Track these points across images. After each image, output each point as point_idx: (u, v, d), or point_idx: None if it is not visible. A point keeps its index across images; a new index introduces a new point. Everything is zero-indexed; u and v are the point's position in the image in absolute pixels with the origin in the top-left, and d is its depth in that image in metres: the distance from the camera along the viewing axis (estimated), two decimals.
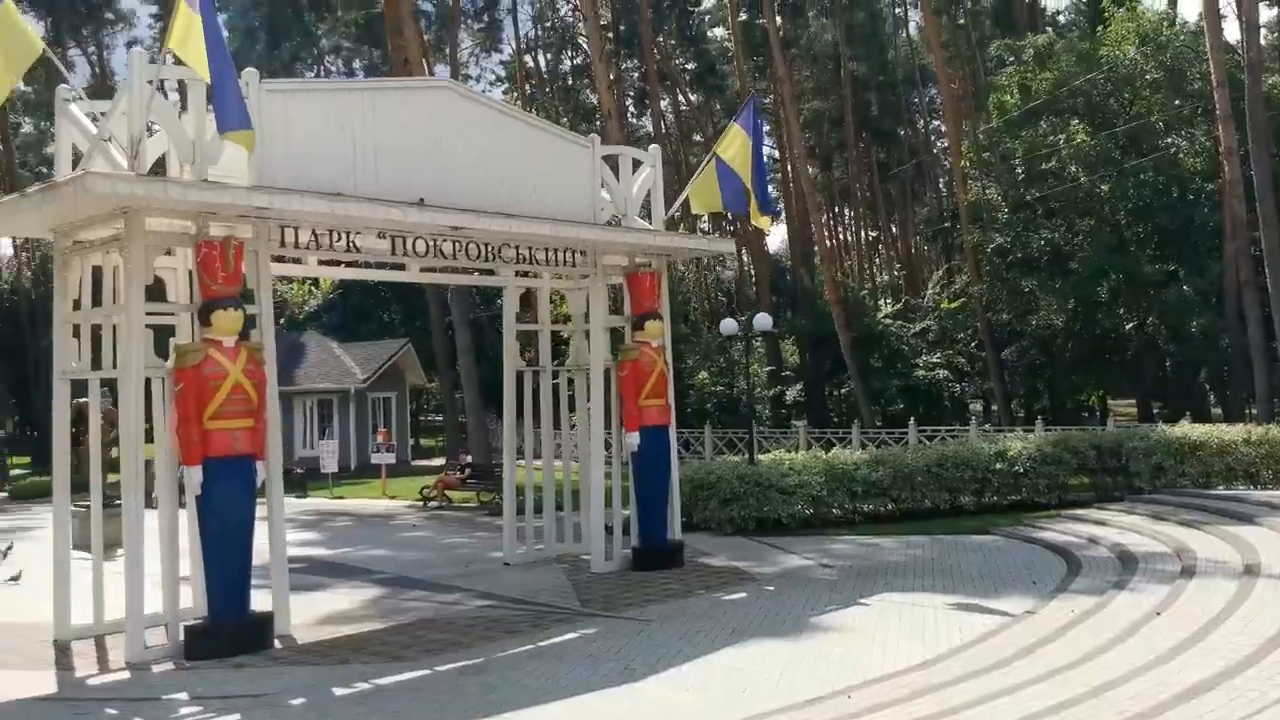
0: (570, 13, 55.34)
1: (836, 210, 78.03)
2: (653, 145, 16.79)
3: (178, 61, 11.00)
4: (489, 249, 14.28)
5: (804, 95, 64.56)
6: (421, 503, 27.27)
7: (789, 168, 52.94)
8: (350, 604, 13.91)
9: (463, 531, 21.34)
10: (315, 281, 49.32)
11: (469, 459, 30.64)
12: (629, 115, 60.41)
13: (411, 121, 13.22)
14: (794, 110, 40.13)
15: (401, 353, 42.16)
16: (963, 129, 41.54)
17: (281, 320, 48.65)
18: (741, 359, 45.20)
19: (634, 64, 58.27)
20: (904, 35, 64.28)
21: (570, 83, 60.27)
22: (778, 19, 48.36)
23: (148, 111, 10.93)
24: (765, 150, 72.69)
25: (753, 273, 55.66)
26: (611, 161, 16.10)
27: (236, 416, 11.25)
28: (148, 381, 11.70)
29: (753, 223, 16.75)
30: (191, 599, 11.82)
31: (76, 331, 12.47)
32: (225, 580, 11.26)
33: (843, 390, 44.80)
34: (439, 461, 38.91)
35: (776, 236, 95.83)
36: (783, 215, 54.06)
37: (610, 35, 57.50)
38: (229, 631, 11.23)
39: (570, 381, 17.15)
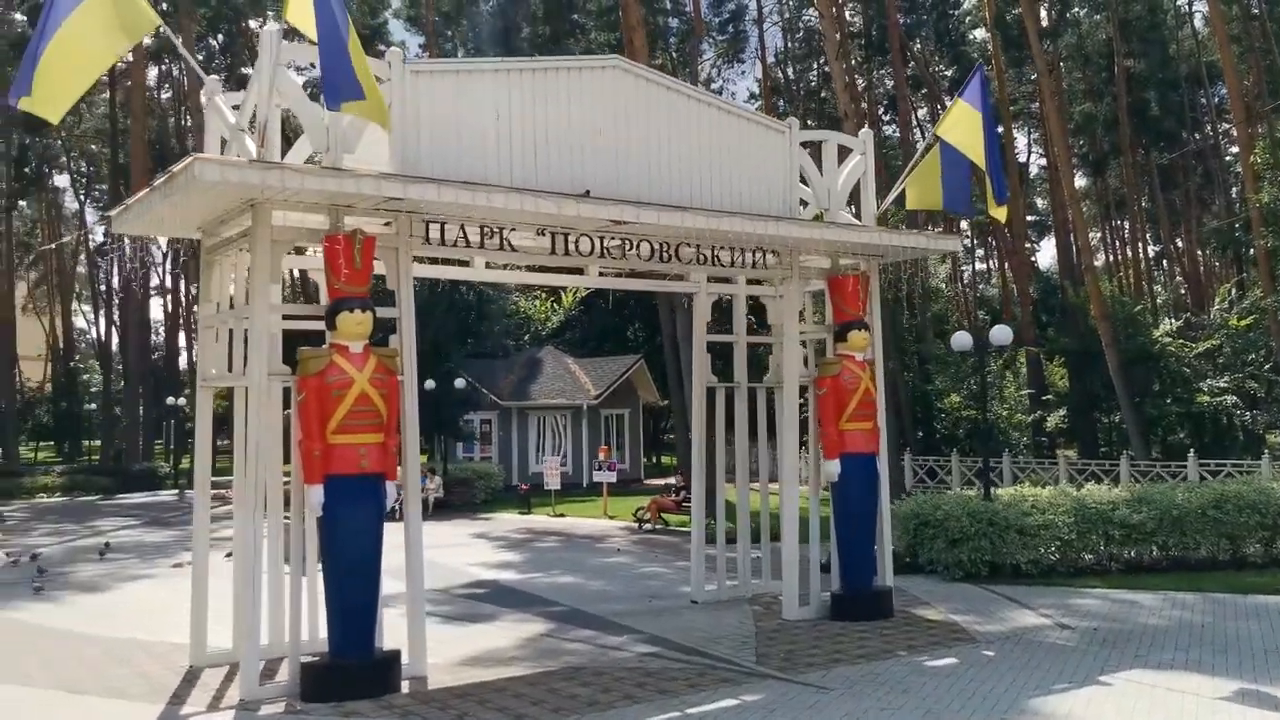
0: (816, 19, 53.22)
1: (1113, 222, 72.10)
2: (863, 130, 14.71)
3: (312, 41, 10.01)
4: (664, 248, 12.67)
5: (1074, 97, 59.86)
6: (636, 525, 25.99)
7: (1054, 174, 48.79)
8: (507, 641, 12.55)
9: (665, 559, 19.78)
10: (557, 297, 49.36)
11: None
12: (882, 123, 57.69)
13: (577, 104, 11.81)
14: (1056, 108, 36.48)
15: (634, 369, 41.32)
16: (1256, 127, 36.74)
17: (525, 337, 48.99)
18: (998, 376, 41.81)
19: (889, 70, 55.48)
20: (1188, 29, 58.38)
21: (819, 91, 58.05)
22: (1041, 11, 44.65)
23: (273, 93, 9.96)
24: (1027, 156, 68.36)
25: (1016, 289, 51.63)
26: (815, 151, 14.19)
27: (363, 430, 10.09)
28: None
29: (990, 215, 14.34)
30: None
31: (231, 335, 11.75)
32: (347, 613, 10.08)
33: (1114, 417, 40.53)
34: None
35: (1046, 252, 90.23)
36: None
37: (861, 41, 55.23)
38: (349, 671, 10.03)
39: (770, 400, 15.25)
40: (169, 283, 64.44)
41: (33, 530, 28.26)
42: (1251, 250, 35.68)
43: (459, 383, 34.18)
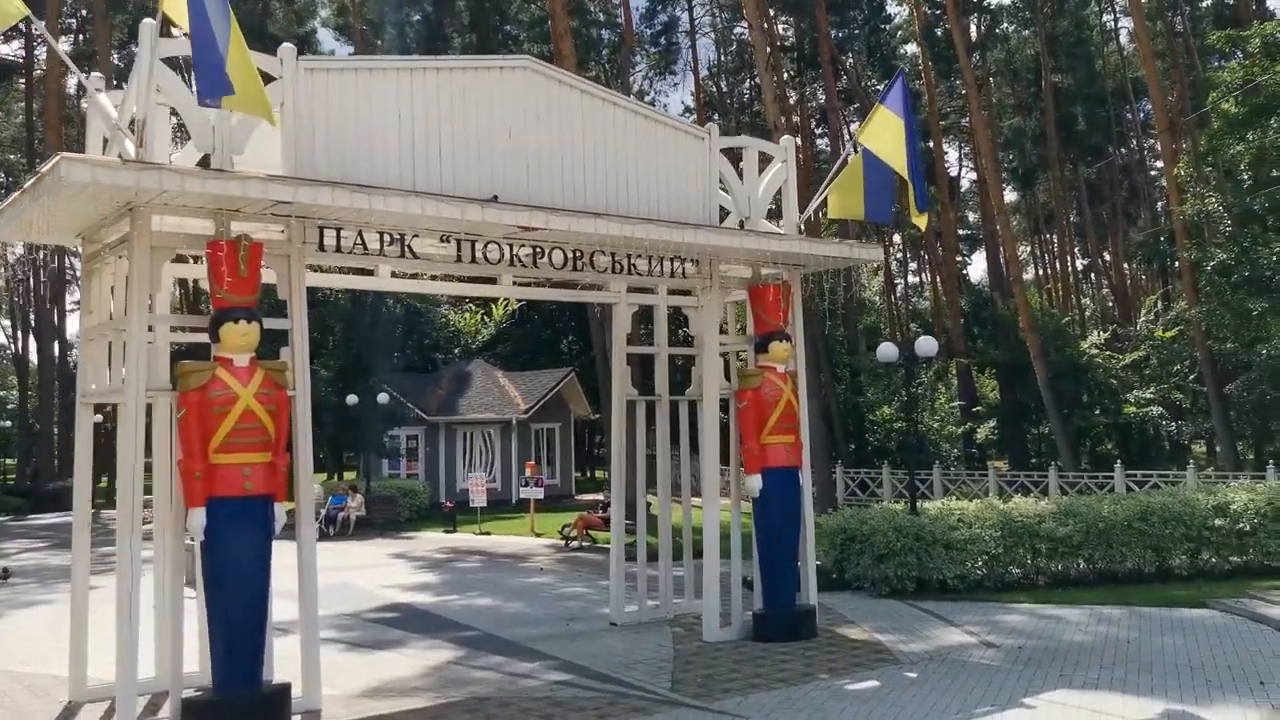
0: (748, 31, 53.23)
1: (1042, 236, 72.91)
2: (785, 137, 14.35)
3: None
4: (578, 256, 12.18)
5: (1003, 111, 60.47)
6: (563, 542, 25.38)
7: (983, 188, 49.13)
8: (412, 670, 11.91)
9: (590, 579, 19.21)
10: (488, 310, 48.63)
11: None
12: (815, 136, 57.79)
13: (486, 106, 11.27)
14: (984, 121, 36.66)
15: (565, 382, 40.74)
16: (1179, 142, 37.18)
17: (456, 351, 48.19)
18: (929, 388, 41.89)
19: (821, 84, 55.52)
20: (1114, 45, 59.27)
21: (752, 104, 58.02)
22: (971, 26, 44.93)
23: (151, 88, 9.30)
24: (958, 170, 68.85)
25: (947, 302, 51.84)
26: (734, 157, 13.80)
27: (248, 449, 9.43)
28: None
29: (913, 221, 14.01)
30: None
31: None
32: (231, 645, 9.40)
33: (1044, 428, 40.75)
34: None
35: (978, 266, 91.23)
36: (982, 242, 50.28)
37: (794, 55, 55.25)
38: (234, 707, 9.34)
39: (694, 413, 14.79)
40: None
41: None
42: (1176, 262, 36.04)
43: (382, 397, 33.35)
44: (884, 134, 13.19)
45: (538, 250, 11.87)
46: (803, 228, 14.23)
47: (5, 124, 57.54)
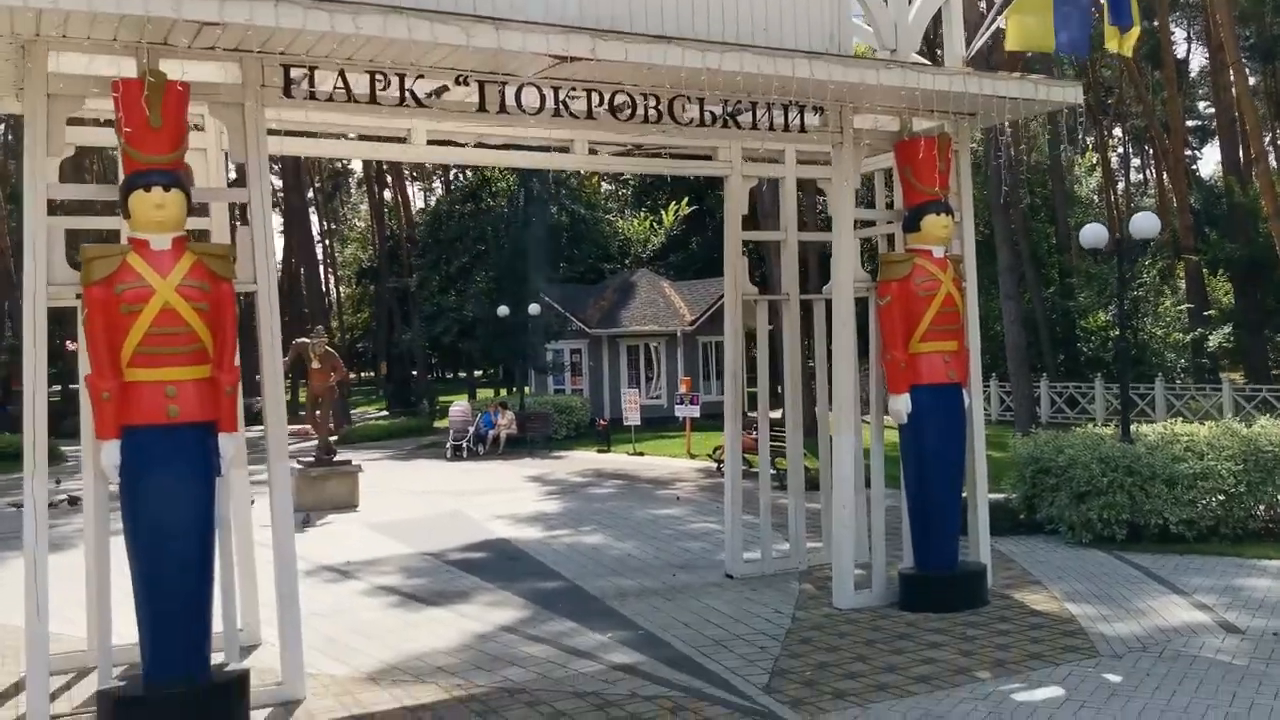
0: None
1: None
2: None
3: None
4: (652, 105, 9.13)
5: None
6: (715, 466, 22.64)
7: (1215, 66, 42.56)
8: (450, 640, 9.38)
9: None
10: (658, 218, 45.80)
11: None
12: None
13: None
14: None
15: None
16: None
17: (627, 262, 45.69)
18: (1152, 291, 36.72)
19: None
20: None
21: None
22: None
23: None
24: (1186, 51, 60.73)
25: (1174, 195, 45.72)
26: None
27: (172, 362, 7.01)
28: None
29: (1107, 46, 10.27)
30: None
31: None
32: (159, 622, 7.04)
33: None
34: None
35: (1208, 162, 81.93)
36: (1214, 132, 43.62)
37: None
38: (164, 701, 7.03)
39: (828, 314, 11.61)
40: None
41: None
42: None
43: (534, 308, 31.13)
44: None
45: (594, 95, 8.89)
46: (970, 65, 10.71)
47: None
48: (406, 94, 8.21)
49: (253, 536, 9.16)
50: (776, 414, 13.03)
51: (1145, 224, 13.48)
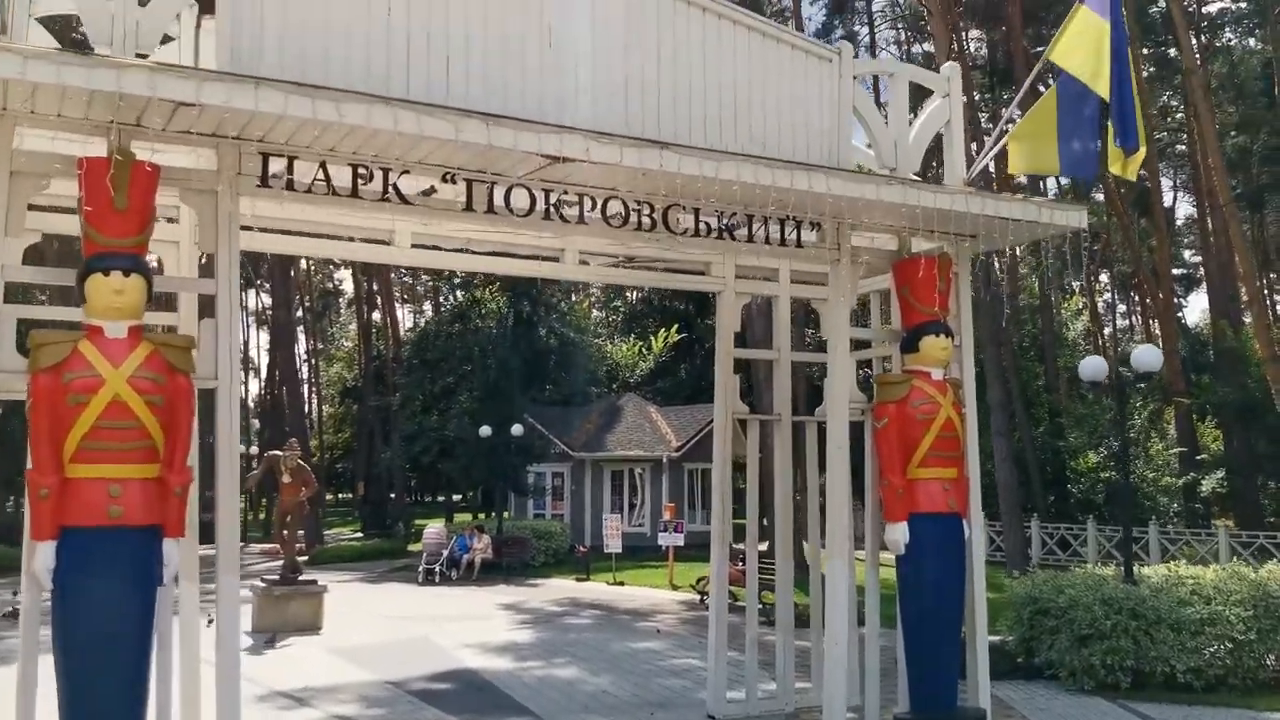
0: None
1: (1271, 274, 64.92)
2: (948, 64, 10.66)
3: None
4: (644, 213, 8.82)
5: (1223, 134, 53.77)
6: (698, 598, 21.86)
7: (1201, 210, 43.21)
8: None
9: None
10: (647, 344, 45.68)
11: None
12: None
13: None
14: (1210, 117, 31.36)
15: None
16: None
17: (614, 386, 45.40)
18: (1142, 434, 36.40)
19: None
20: None
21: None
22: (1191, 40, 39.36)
23: None
24: (1173, 199, 61.94)
25: (1159, 335, 45.85)
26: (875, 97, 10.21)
27: (117, 459, 6.46)
28: None
29: (1110, 169, 10.03)
30: None
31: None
32: None
33: None
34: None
35: (1195, 308, 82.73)
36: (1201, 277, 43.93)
37: (986, 70, 50.23)
38: None
39: (822, 438, 11.13)
40: None
41: None
42: None
43: (517, 429, 30.60)
44: (1082, 46, 9.44)
45: (586, 200, 8.57)
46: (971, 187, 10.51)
47: None
48: (390, 189, 7.87)
49: (199, 655, 8.47)
50: (763, 546, 12.50)
51: (1147, 357, 13.17)
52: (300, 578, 18.57)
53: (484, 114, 7.38)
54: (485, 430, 30.77)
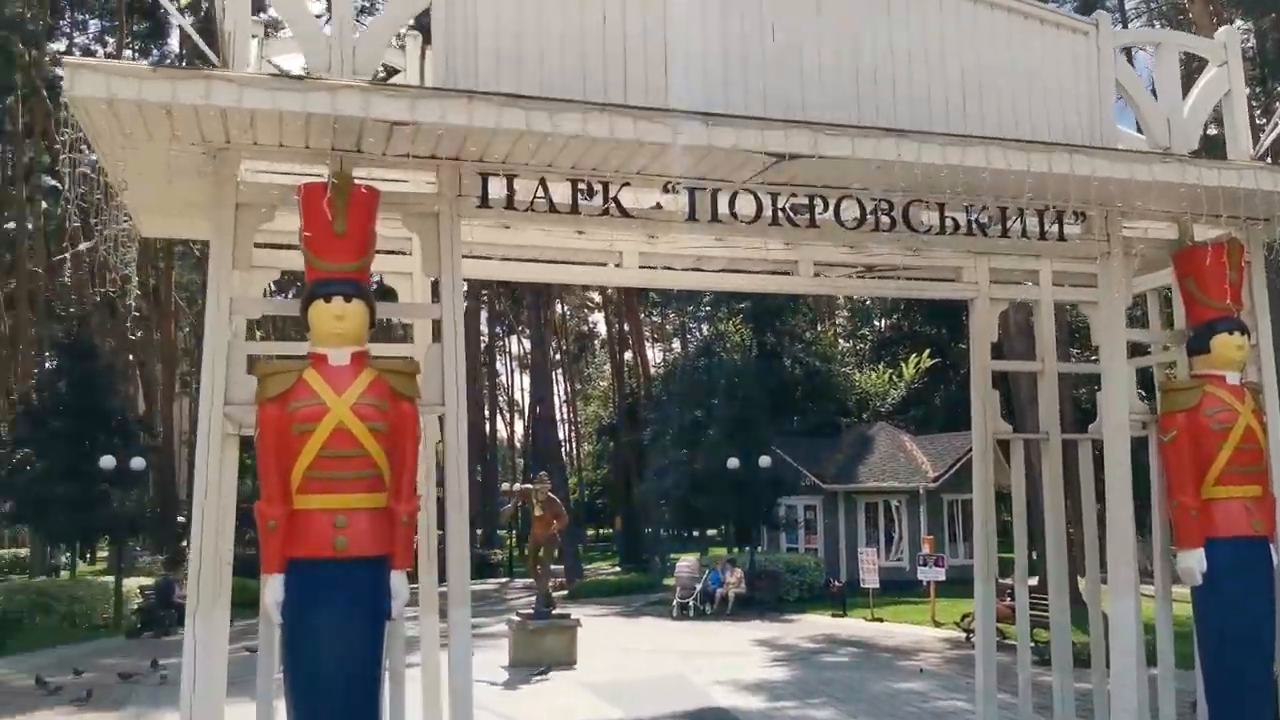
0: None
1: None
2: (1223, 29, 9.43)
3: None
4: (882, 211, 8.12)
5: None
6: (964, 635, 20.52)
7: None
8: None
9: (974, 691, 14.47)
10: (898, 371, 44.14)
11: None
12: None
13: None
14: None
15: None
16: None
17: (864, 415, 44.10)
18: None
19: None
20: None
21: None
22: None
23: None
24: None
25: None
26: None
27: (341, 488, 6.36)
28: None
29: None
30: None
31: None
32: None
33: None
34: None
35: None
36: None
37: (1255, 59, 46.18)
38: None
39: (1098, 457, 9.96)
40: None
41: None
42: None
43: (765, 461, 29.94)
44: None
45: (818, 201, 7.97)
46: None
47: None
48: (611, 202, 7.54)
49: (442, 688, 8.32)
50: (1033, 580, 11.37)
51: None
52: (554, 611, 18.60)
53: (703, 113, 6.94)
54: (733, 463, 30.29)
